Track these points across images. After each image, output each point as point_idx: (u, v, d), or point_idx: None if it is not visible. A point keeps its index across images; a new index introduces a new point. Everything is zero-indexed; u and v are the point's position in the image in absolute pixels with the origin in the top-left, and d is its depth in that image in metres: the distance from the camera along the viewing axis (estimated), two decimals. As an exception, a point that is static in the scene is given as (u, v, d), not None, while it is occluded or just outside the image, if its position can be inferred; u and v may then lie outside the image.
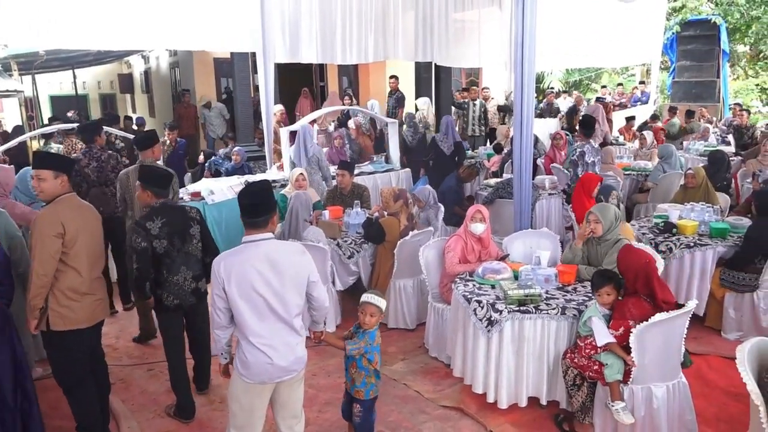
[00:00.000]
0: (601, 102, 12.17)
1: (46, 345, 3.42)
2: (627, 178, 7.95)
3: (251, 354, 2.74)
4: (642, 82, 16.55)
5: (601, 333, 3.31)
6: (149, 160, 4.90)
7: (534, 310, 3.62)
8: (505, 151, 8.91)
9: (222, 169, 8.57)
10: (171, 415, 3.92)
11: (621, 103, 15.05)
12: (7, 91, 11.79)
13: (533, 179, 6.02)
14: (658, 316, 3.15)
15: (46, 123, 12.32)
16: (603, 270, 3.67)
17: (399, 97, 10.52)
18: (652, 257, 3.53)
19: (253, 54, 8.25)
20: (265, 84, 7.76)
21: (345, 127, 10.01)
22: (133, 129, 11.03)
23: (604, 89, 16.40)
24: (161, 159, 7.38)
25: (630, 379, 3.25)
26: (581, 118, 8.23)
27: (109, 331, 5.11)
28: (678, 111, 12.29)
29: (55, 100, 19.03)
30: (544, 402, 3.73)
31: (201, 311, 3.90)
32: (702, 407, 3.65)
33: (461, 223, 4.63)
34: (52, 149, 8.34)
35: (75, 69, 15.27)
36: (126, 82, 18.88)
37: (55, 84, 18.66)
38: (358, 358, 3.23)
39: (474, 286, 4.05)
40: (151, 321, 5.13)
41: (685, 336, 3.31)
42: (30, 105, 13.65)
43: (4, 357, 3.14)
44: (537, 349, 3.66)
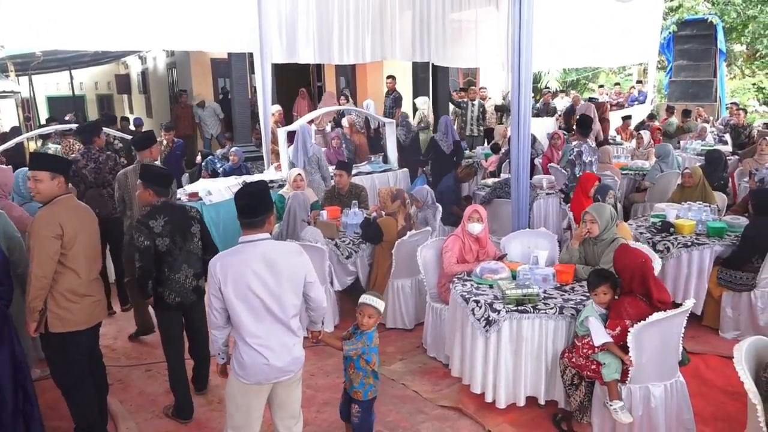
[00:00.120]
0: (594, 101, 12.20)
1: (45, 347, 3.41)
2: (624, 178, 7.95)
3: (248, 354, 2.73)
4: (639, 82, 16.58)
5: (599, 333, 3.31)
6: (147, 161, 4.89)
7: (532, 310, 3.63)
8: (502, 151, 8.91)
9: (219, 170, 8.56)
10: (169, 415, 3.92)
11: (618, 102, 15.07)
12: (4, 92, 11.78)
13: (531, 179, 6.04)
14: (656, 316, 3.16)
15: (43, 124, 12.30)
16: (599, 269, 3.68)
17: (396, 97, 10.52)
18: (648, 257, 3.53)
19: (251, 54, 8.24)
20: (263, 84, 7.75)
21: (340, 126, 10.01)
22: (131, 130, 11.02)
23: (601, 89, 16.42)
24: (159, 159, 7.38)
25: (628, 378, 3.26)
26: (578, 117, 8.25)
27: (107, 331, 5.11)
28: (675, 110, 12.31)
29: (52, 101, 19.01)
30: (542, 401, 3.73)
31: (200, 309, 3.91)
32: (700, 406, 3.66)
33: (459, 223, 4.63)
34: (49, 150, 8.32)
35: (72, 70, 15.25)
36: (123, 83, 18.87)
37: (52, 85, 18.65)
38: (356, 359, 3.23)
39: (472, 285, 4.06)
40: (148, 316, 5.15)
41: (682, 335, 3.32)
42: (27, 106, 13.63)
43: (3, 358, 3.13)
44: (535, 349, 3.66)
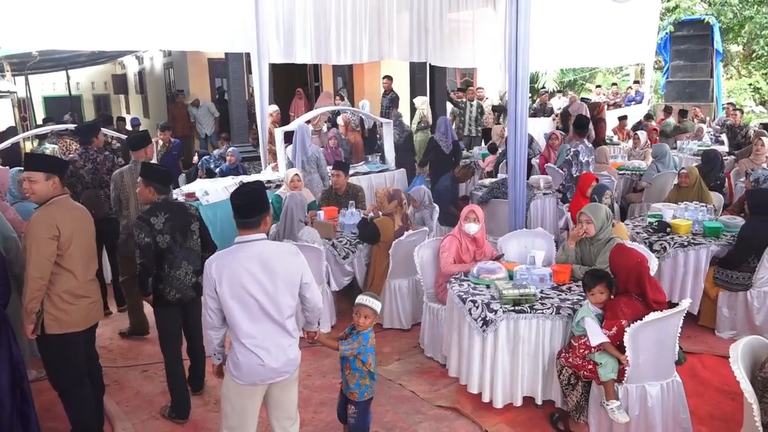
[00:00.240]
0: (586, 101, 12.25)
1: (41, 348, 3.39)
2: (621, 178, 7.97)
3: (243, 355, 2.72)
4: (636, 82, 16.60)
5: (595, 333, 3.31)
6: (142, 160, 4.89)
7: (529, 310, 3.63)
8: (499, 151, 8.92)
9: (216, 170, 8.55)
10: (165, 416, 3.91)
11: (615, 102, 15.11)
12: (0, 92, 11.74)
13: (528, 179, 6.05)
14: (652, 315, 3.16)
15: (39, 124, 12.27)
16: (594, 270, 3.68)
17: (393, 98, 10.51)
18: (643, 257, 3.53)
19: (248, 54, 8.23)
20: (260, 84, 7.75)
21: (335, 125, 9.99)
22: (127, 130, 10.98)
23: (598, 89, 16.44)
24: (155, 159, 7.37)
25: (624, 378, 3.26)
26: (575, 118, 8.25)
27: (104, 332, 5.09)
28: (672, 110, 12.34)
29: (49, 101, 18.97)
30: (539, 401, 3.73)
31: (198, 306, 3.90)
32: (696, 405, 3.67)
33: (456, 223, 4.63)
34: (47, 150, 8.30)
35: (68, 70, 15.21)
36: (120, 83, 18.84)
37: (49, 85, 18.61)
38: (352, 360, 3.22)
39: (469, 286, 4.05)
40: (143, 318, 5.17)
41: (679, 335, 3.33)
42: (23, 106, 13.60)
43: (1, 359, 3.12)
44: (532, 349, 3.66)
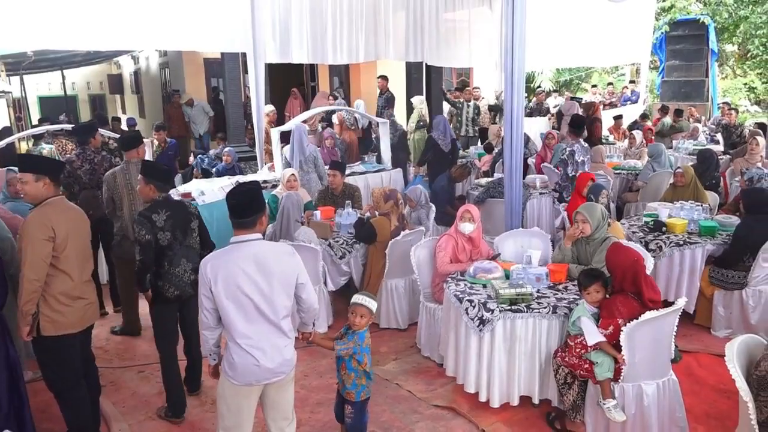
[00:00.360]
0: (577, 100, 12.31)
1: (37, 350, 3.38)
2: (617, 177, 7.98)
3: (238, 355, 2.72)
4: (632, 82, 16.64)
5: (591, 332, 3.32)
6: (135, 161, 4.91)
7: (525, 309, 3.63)
8: (495, 151, 8.92)
9: (212, 169, 8.54)
10: (162, 416, 3.90)
11: (611, 102, 15.15)
12: (-5, 91, 11.72)
13: (524, 178, 6.05)
14: (648, 314, 3.16)
15: (35, 124, 12.23)
16: (589, 269, 3.69)
17: (388, 97, 10.50)
18: (640, 256, 3.54)
19: (244, 54, 8.22)
20: (256, 84, 7.74)
21: (329, 123, 9.97)
22: (123, 130, 10.96)
23: (594, 88, 16.47)
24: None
25: (620, 377, 3.27)
26: (571, 117, 8.27)
27: (100, 333, 5.08)
28: (668, 110, 12.38)
29: (44, 101, 18.91)
30: (536, 401, 3.74)
31: (196, 304, 3.90)
32: (692, 404, 3.68)
33: (453, 223, 4.64)
34: (44, 150, 8.28)
35: (64, 69, 15.18)
36: (116, 83, 18.81)
37: (44, 85, 18.56)
38: (348, 360, 3.22)
39: (465, 285, 4.06)
40: (136, 318, 5.18)
41: (675, 333, 3.33)
42: (18, 106, 13.57)
43: None
44: (529, 348, 3.66)
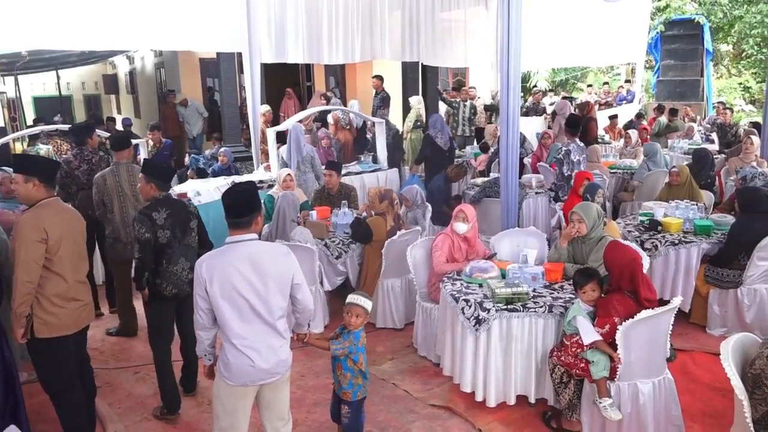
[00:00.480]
0: (569, 99, 12.39)
1: (31, 352, 3.36)
2: (613, 177, 7.99)
3: (233, 356, 2.71)
4: (627, 81, 16.69)
5: (587, 332, 3.32)
6: (124, 162, 4.90)
7: (521, 309, 3.64)
8: (491, 150, 8.93)
9: (209, 170, 8.53)
10: (158, 416, 3.90)
11: (607, 101, 15.18)
12: (-10, 92, 11.67)
13: (520, 178, 6.06)
14: (644, 313, 3.17)
15: (30, 124, 12.19)
16: (584, 268, 3.70)
17: (383, 97, 10.49)
18: (638, 254, 3.55)
19: (239, 54, 8.20)
20: (252, 84, 7.71)
21: (323, 123, 9.94)
22: (117, 130, 10.90)
23: (590, 88, 16.51)
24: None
25: (616, 375, 3.28)
26: (567, 117, 8.28)
27: (95, 333, 5.06)
28: (664, 110, 12.42)
29: (39, 102, 18.83)
30: (532, 400, 3.74)
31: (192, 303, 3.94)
32: (687, 402, 3.69)
33: (449, 223, 4.64)
34: (41, 151, 8.27)
35: (58, 70, 15.10)
36: (111, 83, 18.73)
37: (39, 85, 18.47)
38: (343, 359, 3.22)
39: (462, 285, 4.06)
40: (132, 318, 5.17)
41: (670, 332, 3.34)
42: (12, 106, 13.51)
43: None
44: (525, 348, 3.67)
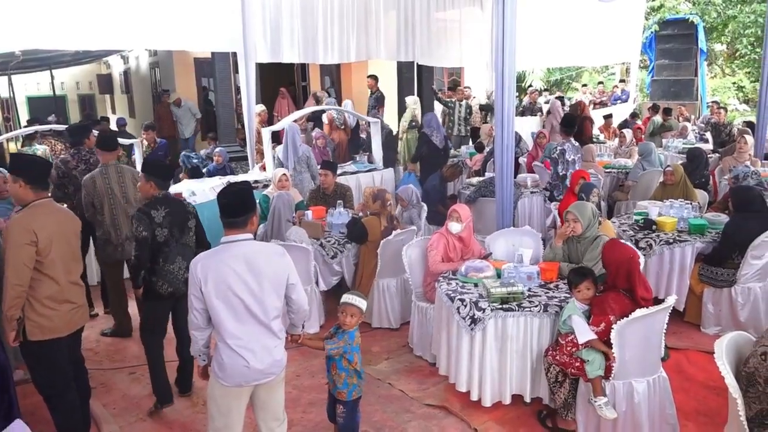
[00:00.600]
0: (561, 99, 12.46)
1: (25, 355, 3.34)
2: (607, 176, 8.01)
3: (228, 356, 2.70)
4: (622, 81, 16.73)
5: (582, 331, 3.33)
6: (113, 163, 4.89)
7: (517, 308, 3.64)
8: (487, 150, 8.94)
9: (203, 169, 8.50)
10: (152, 411, 3.93)
11: (602, 101, 15.24)
12: (-17, 92, 11.60)
13: (515, 178, 6.06)
14: (639, 312, 3.18)
15: (24, 125, 12.12)
16: (578, 267, 3.70)
17: (378, 97, 10.49)
18: (636, 253, 3.56)
19: (234, 54, 8.19)
20: (247, 84, 7.70)
21: (314, 122, 9.92)
22: (111, 130, 10.86)
23: (584, 88, 16.55)
24: (139, 160, 7.27)
25: (611, 374, 3.28)
26: (563, 116, 8.29)
27: (90, 334, 5.04)
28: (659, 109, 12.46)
29: (33, 102, 18.70)
30: (527, 399, 3.75)
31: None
32: (682, 401, 3.70)
33: (444, 222, 4.64)
34: (37, 151, 8.25)
35: (52, 69, 15.00)
36: (105, 83, 18.65)
37: (32, 85, 18.36)
38: (338, 359, 3.21)
39: (457, 284, 4.06)
40: (127, 319, 5.15)
41: (665, 331, 3.35)
42: (6, 106, 13.44)
43: None
44: (520, 347, 3.67)
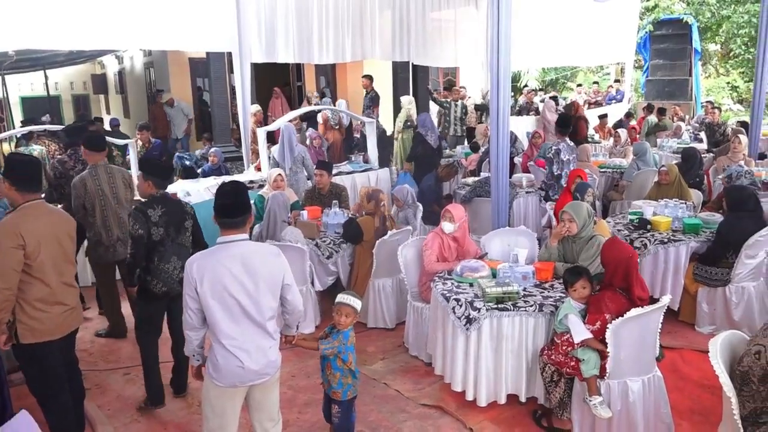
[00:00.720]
0: (554, 99, 12.54)
1: (18, 357, 3.32)
2: (602, 176, 8.04)
3: (222, 357, 2.70)
4: (617, 81, 16.77)
5: (578, 330, 3.33)
6: (102, 164, 4.88)
7: (512, 308, 3.64)
8: (482, 150, 8.94)
9: (198, 170, 8.49)
10: (142, 407, 3.94)
11: (596, 101, 15.27)
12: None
13: (510, 177, 6.07)
14: (634, 312, 3.19)
15: (20, 125, 12.06)
16: (573, 267, 3.71)
17: (373, 97, 10.48)
18: (635, 252, 3.56)
19: (229, 54, 8.17)
20: (242, 84, 7.69)
21: (307, 122, 9.91)
22: (106, 130, 10.82)
23: (579, 88, 16.59)
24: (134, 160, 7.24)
25: (606, 373, 3.29)
26: (558, 116, 8.31)
27: (84, 335, 5.02)
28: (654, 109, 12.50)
29: (26, 102, 18.63)
30: (523, 399, 3.75)
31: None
32: (677, 400, 3.71)
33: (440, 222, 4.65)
34: (34, 151, 8.23)
35: (46, 69, 14.95)
36: (99, 83, 18.59)
37: (26, 85, 18.28)
38: (333, 359, 3.21)
39: (452, 284, 4.07)
40: (122, 320, 5.15)
41: (659, 330, 3.36)
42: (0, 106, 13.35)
43: None
44: (515, 346, 3.67)
